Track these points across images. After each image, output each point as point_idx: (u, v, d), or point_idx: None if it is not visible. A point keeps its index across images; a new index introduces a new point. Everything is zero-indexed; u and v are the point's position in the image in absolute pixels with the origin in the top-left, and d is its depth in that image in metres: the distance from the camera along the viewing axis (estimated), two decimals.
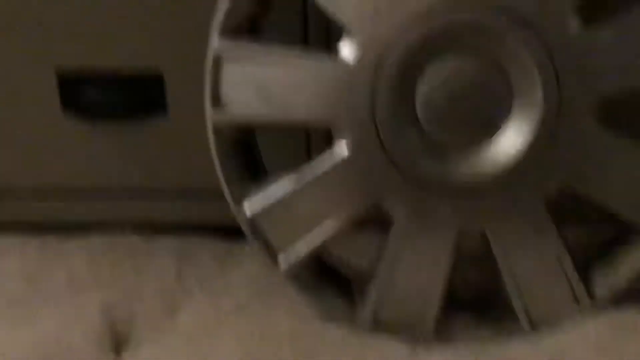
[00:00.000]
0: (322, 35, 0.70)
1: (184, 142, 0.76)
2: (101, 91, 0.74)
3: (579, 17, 0.57)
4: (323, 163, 0.63)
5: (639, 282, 0.65)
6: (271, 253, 0.66)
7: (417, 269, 0.65)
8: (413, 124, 0.61)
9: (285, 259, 0.65)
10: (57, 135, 0.76)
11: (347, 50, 0.60)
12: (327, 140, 0.66)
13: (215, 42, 0.61)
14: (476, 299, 0.72)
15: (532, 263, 0.64)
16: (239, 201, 0.65)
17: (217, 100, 0.62)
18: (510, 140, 0.60)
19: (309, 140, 0.75)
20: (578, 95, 0.59)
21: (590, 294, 0.65)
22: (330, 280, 0.70)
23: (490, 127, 0.60)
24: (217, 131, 0.63)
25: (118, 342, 0.67)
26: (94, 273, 0.74)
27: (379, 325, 0.66)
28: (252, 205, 0.65)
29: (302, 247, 0.65)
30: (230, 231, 0.76)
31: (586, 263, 0.68)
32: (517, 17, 0.57)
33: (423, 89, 0.60)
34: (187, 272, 0.75)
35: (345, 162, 0.62)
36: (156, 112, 0.74)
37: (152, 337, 0.67)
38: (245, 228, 0.65)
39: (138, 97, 0.74)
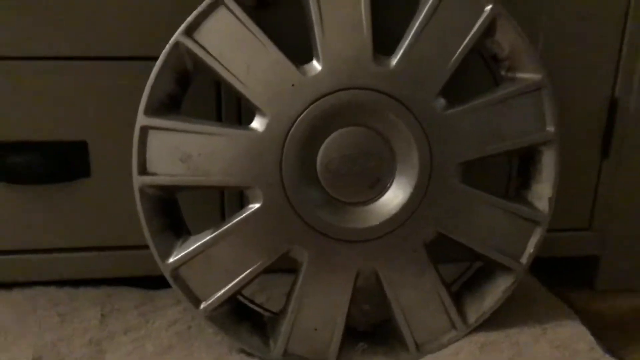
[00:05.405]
0: (234, 111, 0.78)
1: (106, 202, 0.80)
2: (27, 157, 0.76)
3: (444, 99, 0.68)
4: (238, 219, 0.68)
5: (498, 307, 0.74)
6: (194, 301, 0.70)
7: (321, 306, 0.71)
8: (315, 184, 0.68)
9: (206, 304, 0.70)
10: None
11: (257, 124, 0.66)
12: (239, 201, 0.73)
13: (141, 118, 0.67)
14: (371, 328, 0.77)
15: (415, 296, 0.72)
16: (163, 255, 0.69)
17: (143, 167, 0.68)
18: (394, 196, 0.69)
19: (223, 202, 0.82)
20: (445, 160, 0.68)
21: (464, 319, 0.74)
22: (245, 318, 0.74)
23: (378, 185, 0.69)
24: (143, 193, 0.68)
25: None
26: (22, 325, 0.75)
27: (289, 357, 0.71)
28: (175, 258, 0.69)
29: (221, 293, 0.69)
30: (150, 281, 0.81)
31: (460, 294, 0.77)
32: (395, 98, 0.66)
33: (322, 156, 0.68)
34: (111, 320, 0.77)
35: (257, 217, 0.68)
36: (80, 175, 0.78)
37: None
38: (169, 279, 0.69)
39: (62, 162, 0.77)
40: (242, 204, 0.70)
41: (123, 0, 0.73)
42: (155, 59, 0.67)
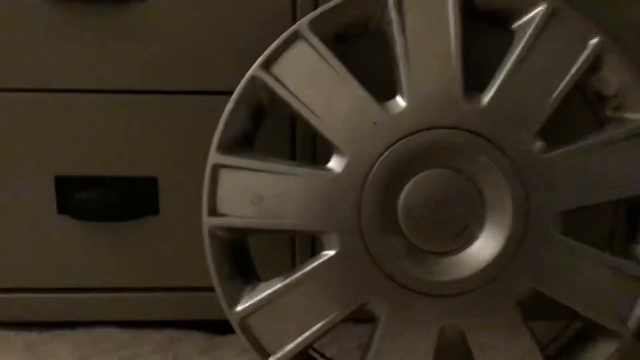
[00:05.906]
0: (309, 150, 0.74)
1: (173, 241, 0.77)
2: (95, 193, 0.74)
3: (542, 141, 0.61)
4: (311, 267, 0.63)
5: None
6: (262, 353, 0.65)
7: None
8: (395, 231, 0.63)
9: (274, 358, 0.65)
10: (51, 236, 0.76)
11: (335, 164, 0.62)
12: (311, 247, 0.68)
13: (213, 155, 0.64)
14: None
15: (504, 357, 0.65)
16: (231, 302, 0.65)
17: (213, 208, 0.64)
18: (484, 247, 0.63)
19: (294, 247, 0.77)
20: (543, 208, 0.62)
21: None
22: None
23: (466, 235, 0.63)
24: (212, 235, 0.65)
25: None
26: None
27: None
28: (243, 306, 0.65)
29: (291, 347, 0.64)
30: (215, 325, 0.77)
31: (556, 358, 0.69)
32: (488, 139, 0.61)
33: (404, 200, 0.62)
34: None
35: (333, 266, 0.63)
36: (148, 213, 0.75)
37: None
38: (237, 329, 0.65)
39: (131, 198, 0.75)
40: (314, 250, 0.65)
41: (197, 33, 0.71)
42: (229, 93, 0.64)
